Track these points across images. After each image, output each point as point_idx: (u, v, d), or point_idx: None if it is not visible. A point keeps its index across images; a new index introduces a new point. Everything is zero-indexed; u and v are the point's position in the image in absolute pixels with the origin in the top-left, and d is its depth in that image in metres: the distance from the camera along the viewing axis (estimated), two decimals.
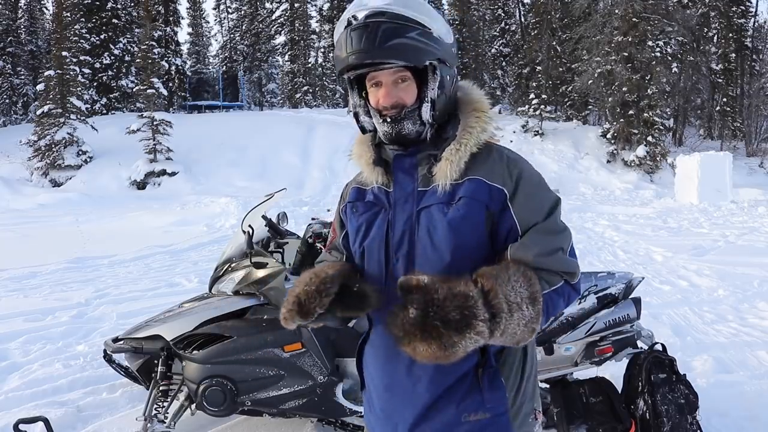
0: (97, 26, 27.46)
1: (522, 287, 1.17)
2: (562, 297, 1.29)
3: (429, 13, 1.28)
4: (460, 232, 1.27)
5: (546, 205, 1.32)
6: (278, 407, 2.79)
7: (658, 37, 20.55)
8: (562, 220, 1.35)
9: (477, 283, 1.15)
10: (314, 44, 41.22)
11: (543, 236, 1.28)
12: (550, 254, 1.27)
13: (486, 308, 1.12)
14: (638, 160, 19.37)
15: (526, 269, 1.21)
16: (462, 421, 1.30)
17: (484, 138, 1.33)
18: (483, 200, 1.28)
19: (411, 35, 1.23)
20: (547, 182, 1.40)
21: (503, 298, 1.13)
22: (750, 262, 6.96)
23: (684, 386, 2.72)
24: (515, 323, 1.14)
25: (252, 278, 2.87)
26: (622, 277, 2.93)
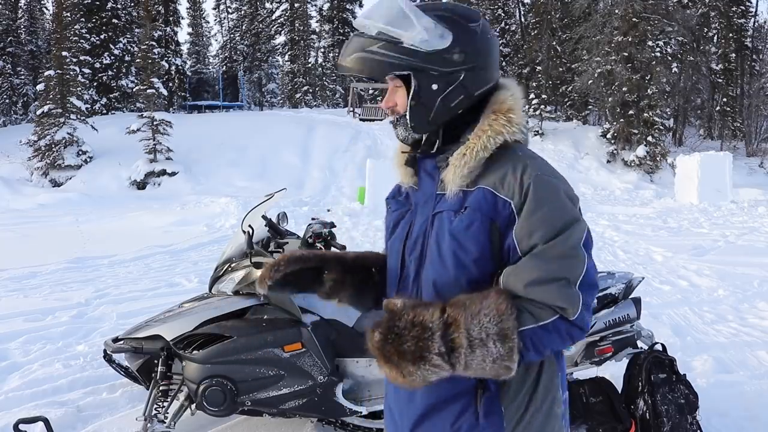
0: (97, 26, 27.47)
1: (491, 322, 1.10)
2: (554, 333, 1.15)
3: (403, 21, 1.23)
4: (461, 243, 1.23)
5: (552, 225, 1.18)
6: (278, 407, 2.79)
7: (658, 37, 20.55)
8: (576, 246, 1.18)
9: (444, 313, 1.12)
10: (314, 44, 41.25)
11: (540, 262, 1.16)
12: (543, 284, 1.15)
13: (443, 342, 1.10)
14: (638, 160, 19.37)
15: (504, 302, 1.12)
16: None
17: (498, 142, 1.25)
18: (487, 212, 1.22)
19: (372, 48, 1.24)
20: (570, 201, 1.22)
21: (464, 333, 1.09)
22: (750, 262, 6.96)
23: (684, 386, 2.72)
24: (478, 360, 1.10)
25: (252, 278, 2.87)
26: (622, 277, 2.93)
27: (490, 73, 1.30)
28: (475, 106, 1.29)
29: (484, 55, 1.28)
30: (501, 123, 1.26)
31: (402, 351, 1.11)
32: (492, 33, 1.33)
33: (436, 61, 1.25)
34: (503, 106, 1.28)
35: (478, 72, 1.27)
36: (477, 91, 1.28)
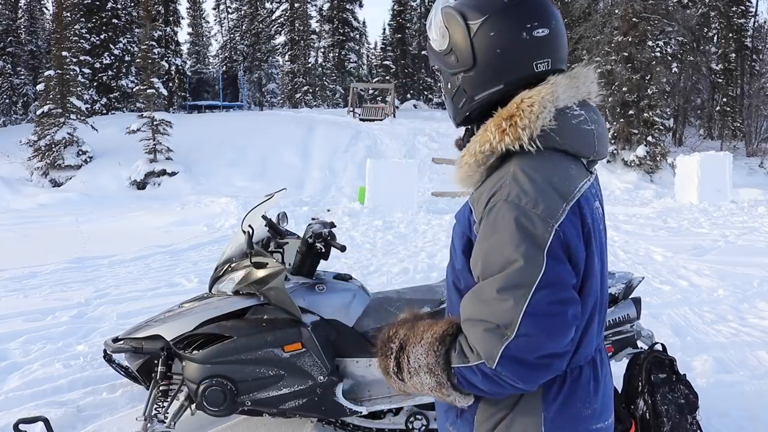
0: (97, 26, 27.48)
1: (422, 355, 1.12)
2: (482, 377, 1.07)
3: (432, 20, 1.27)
4: (454, 249, 1.24)
5: (492, 260, 1.06)
6: (278, 407, 2.79)
7: (658, 37, 20.56)
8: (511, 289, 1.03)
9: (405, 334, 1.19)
10: (314, 44, 41.24)
11: (473, 300, 1.09)
12: (472, 324, 1.07)
13: (395, 362, 1.18)
14: (638, 160, 19.38)
15: (438, 336, 1.11)
16: (446, 426, 1.31)
17: (484, 150, 1.14)
18: (463, 227, 1.18)
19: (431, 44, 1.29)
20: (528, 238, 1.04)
21: (405, 359, 1.16)
22: (750, 262, 6.96)
23: (684, 386, 2.72)
24: (417, 385, 1.15)
25: (252, 278, 2.87)
26: (622, 277, 2.93)
27: (493, 75, 1.17)
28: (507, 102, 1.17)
29: (481, 56, 1.16)
30: (492, 130, 1.14)
31: (379, 363, 1.23)
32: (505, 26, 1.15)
33: (444, 62, 1.24)
34: (504, 112, 1.15)
35: (475, 75, 1.18)
36: (478, 96, 1.20)
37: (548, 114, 1.12)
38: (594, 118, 1.21)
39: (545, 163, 1.12)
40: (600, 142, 1.21)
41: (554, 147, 1.14)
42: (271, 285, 2.78)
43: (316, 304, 2.89)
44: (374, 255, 7.63)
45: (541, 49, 1.15)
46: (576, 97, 1.18)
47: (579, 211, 1.11)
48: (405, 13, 39.04)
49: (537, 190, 1.07)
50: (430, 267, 6.73)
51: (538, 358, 1.04)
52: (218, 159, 18.96)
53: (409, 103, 32.68)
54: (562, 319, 1.05)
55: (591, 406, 1.18)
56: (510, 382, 1.05)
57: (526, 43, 1.14)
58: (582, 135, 1.17)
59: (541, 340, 1.03)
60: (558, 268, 1.05)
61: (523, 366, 1.04)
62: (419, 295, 3.03)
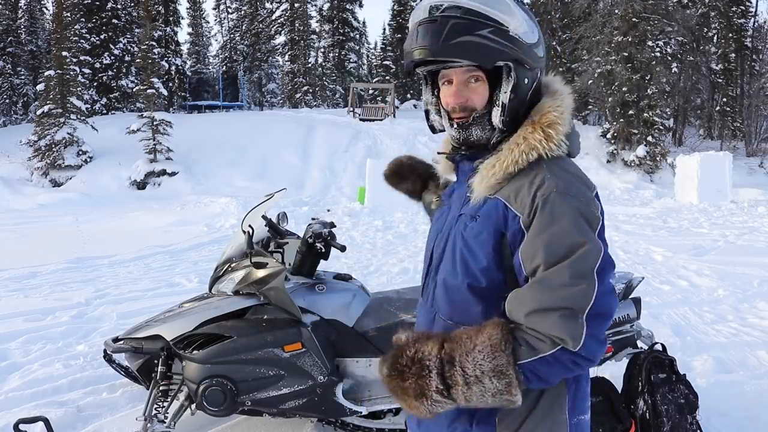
0: (97, 26, 27.49)
1: (485, 359, 1.07)
2: (556, 365, 1.09)
3: (508, 8, 1.17)
4: (471, 249, 1.21)
5: (557, 248, 1.09)
6: (278, 407, 2.79)
7: (658, 37, 20.56)
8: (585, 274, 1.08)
9: (442, 348, 1.10)
10: (314, 44, 41.24)
11: (542, 289, 1.09)
12: (543, 313, 1.08)
13: (440, 380, 1.08)
14: (638, 160, 19.38)
15: (498, 336, 1.08)
16: None
17: (531, 158, 1.17)
18: (497, 224, 1.18)
19: (482, 33, 1.14)
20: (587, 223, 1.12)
21: (459, 371, 1.07)
22: (750, 262, 6.96)
23: (684, 386, 2.72)
24: (477, 395, 1.08)
25: (252, 278, 2.87)
26: (622, 277, 2.92)
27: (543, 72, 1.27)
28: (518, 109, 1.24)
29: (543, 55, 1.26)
30: (537, 138, 1.17)
31: (404, 387, 1.10)
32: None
33: (530, 55, 1.20)
34: (544, 119, 1.19)
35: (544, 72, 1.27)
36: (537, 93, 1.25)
37: (569, 121, 1.22)
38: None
39: (564, 160, 1.22)
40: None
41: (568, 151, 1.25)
42: (271, 285, 2.78)
43: (316, 304, 2.89)
44: (374, 255, 7.63)
45: None
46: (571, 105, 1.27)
47: (599, 200, 1.22)
48: (405, 13, 39.01)
49: (576, 181, 1.17)
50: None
51: (605, 332, 1.12)
52: (218, 159, 18.96)
53: (409, 103, 32.67)
54: (615, 296, 1.14)
55: (589, 382, 1.31)
56: (583, 362, 1.10)
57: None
58: (576, 138, 1.28)
59: (608, 316, 1.11)
60: (606, 248, 1.14)
61: (599, 342, 1.10)
62: (419, 295, 3.02)
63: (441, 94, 1.28)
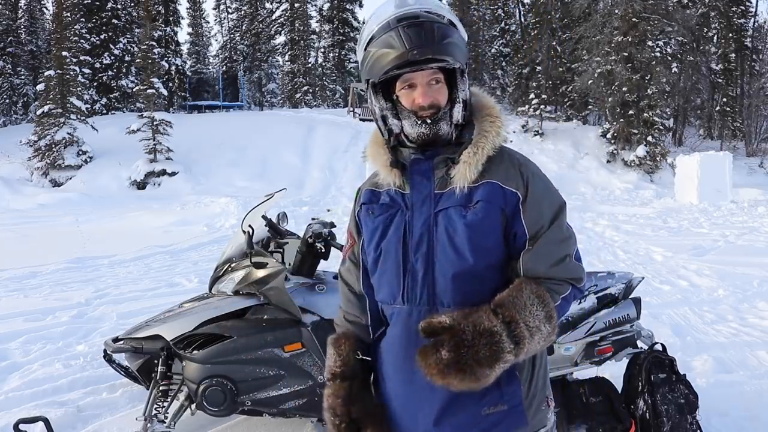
0: (97, 26, 27.50)
1: (538, 309, 1.25)
2: (569, 302, 1.36)
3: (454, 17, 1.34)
4: (479, 234, 1.31)
5: (551, 209, 1.35)
6: (278, 407, 2.79)
7: (658, 37, 20.57)
8: (567, 223, 1.38)
9: (498, 315, 1.22)
10: (314, 44, 41.26)
11: (552, 245, 1.33)
12: (559, 263, 1.33)
13: (510, 339, 1.21)
14: (638, 160, 19.38)
15: (538, 288, 1.28)
16: (483, 415, 1.34)
17: (499, 142, 1.36)
18: (499, 203, 1.33)
19: (455, 36, 1.30)
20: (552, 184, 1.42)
21: (524, 326, 1.22)
22: (750, 262, 6.96)
23: (684, 386, 2.72)
24: (536, 343, 1.25)
25: (252, 278, 2.87)
26: (622, 277, 2.92)
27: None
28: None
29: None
30: (498, 125, 1.37)
31: (479, 359, 1.19)
32: None
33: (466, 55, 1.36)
34: (494, 111, 1.39)
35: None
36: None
37: None
38: None
39: None
40: None
41: None
42: (271, 285, 2.78)
43: (316, 304, 2.89)
44: None
45: None
46: None
47: None
48: None
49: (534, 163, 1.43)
50: None
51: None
52: (218, 159, 18.96)
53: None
54: None
55: None
56: (579, 294, 1.38)
57: None
58: None
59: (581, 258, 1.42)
60: None
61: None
62: None
63: (403, 98, 1.36)
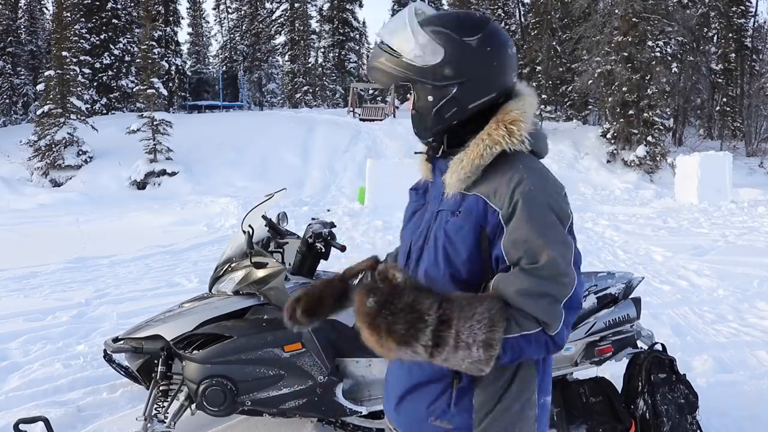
0: (97, 26, 27.50)
1: (481, 330, 1.13)
2: (534, 344, 1.19)
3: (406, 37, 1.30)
4: (452, 244, 1.29)
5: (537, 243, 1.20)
6: (278, 407, 2.79)
7: (658, 37, 20.56)
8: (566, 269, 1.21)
9: (440, 308, 1.15)
10: (314, 44, 41.27)
11: (530, 278, 1.19)
12: (532, 296, 1.18)
13: (432, 336, 1.13)
14: (638, 160, 19.38)
15: (499, 311, 1.16)
16: (430, 422, 1.33)
17: (495, 151, 1.28)
18: (477, 218, 1.27)
19: (381, 60, 1.34)
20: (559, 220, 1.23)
21: (453, 334, 1.13)
22: (750, 262, 6.96)
23: (684, 386, 2.72)
24: (458, 359, 1.14)
25: (252, 278, 2.87)
26: (621, 277, 2.93)
27: (488, 85, 1.33)
28: (485, 112, 1.32)
29: (478, 69, 1.31)
30: (500, 133, 1.28)
31: (392, 329, 1.14)
32: (496, 43, 1.32)
33: (429, 75, 1.32)
34: (506, 117, 1.30)
35: (471, 86, 1.32)
36: (471, 104, 1.33)
37: (531, 120, 1.32)
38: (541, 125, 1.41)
39: (536, 160, 1.33)
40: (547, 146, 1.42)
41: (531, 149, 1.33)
42: (271, 285, 2.78)
43: None
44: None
45: (515, 65, 1.38)
46: (535, 108, 1.37)
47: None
48: None
49: (550, 180, 1.29)
50: None
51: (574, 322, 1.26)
52: (218, 159, 18.96)
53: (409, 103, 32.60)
54: (583, 286, 1.29)
55: (551, 366, 1.42)
56: (555, 346, 1.22)
57: (510, 58, 1.35)
58: (542, 138, 1.38)
59: (579, 307, 1.25)
60: (575, 243, 1.27)
61: (568, 329, 1.23)
62: None
63: None
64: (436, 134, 1.39)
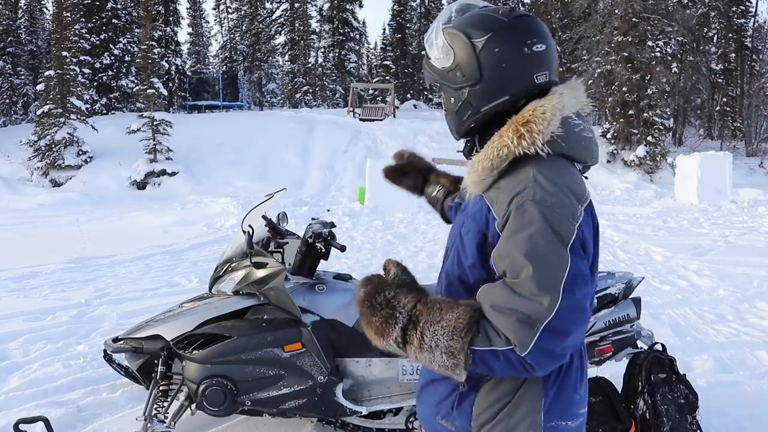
0: (97, 26, 27.49)
1: (444, 336, 1.12)
2: (504, 361, 1.13)
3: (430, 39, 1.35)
4: (463, 246, 1.29)
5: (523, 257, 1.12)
6: (278, 407, 2.79)
7: (658, 37, 20.55)
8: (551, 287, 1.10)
9: (413, 308, 1.17)
10: (314, 44, 41.27)
11: (508, 292, 1.13)
12: (503, 312, 1.12)
13: (401, 333, 1.16)
14: (638, 160, 19.37)
15: (464, 320, 1.12)
16: (437, 419, 1.35)
17: (502, 153, 1.22)
18: (480, 224, 1.25)
19: (424, 61, 1.40)
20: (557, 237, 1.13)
21: (418, 335, 1.14)
22: (750, 262, 6.96)
23: (684, 386, 2.72)
24: (426, 360, 1.15)
25: (252, 278, 2.87)
26: (622, 277, 2.93)
27: (498, 88, 1.27)
28: (510, 112, 1.27)
29: (485, 71, 1.26)
30: (509, 135, 1.22)
31: (370, 320, 1.20)
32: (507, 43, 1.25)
33: (448, 78, 1.33)
34: (520, 117, 1.23)
35: (481, 88, 1.28)
36: (484, 107, 1.30)
37: (556, 121, 1.22)
38: (589, 128, 1.33)
39: (558, 167, 1.23)
40: (595, 150, 1.35)
41: (561, 152, 1.24)
42: (271, 285, 2.78)
43: (316, 304, 2.89)
44: (374, 255, 7.63)
45: (540, 63, 1.28)
46: (575, 107, 1.30)
47: (591, 212, 1.25)
48: (405, 13, 39.07)
49: (559, 191, 1.17)
50: (430, 267, 6.73)
51: (563, 348, 1.14)
52: (218, 159, 18.95)
53: (409, 103, 32.67)
54: (585, 313, 1.17)
55: (578, 391, 1.31)
56: (529, 368, 1.13)
57: (528, 57, 1.27)
58: (583, 142, 1.30)
59: (569, 332, 1.13)
60: (579, 264, 1.15)
61: (549, 356, 1.13)
62: None
63: None
64: (463, 135, 1.40)
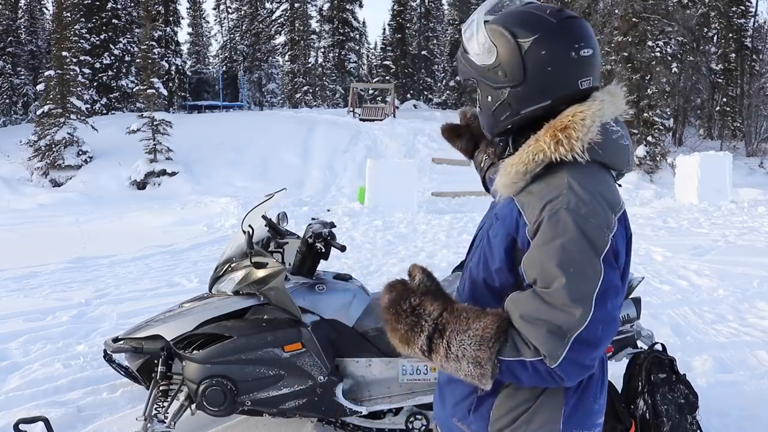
0: (97, 26, 27.49)
1: (471, 346, 1.10)
2: (533, 372, 1.11)
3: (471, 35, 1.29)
4: (491, 248, 1.26)
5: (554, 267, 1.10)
6: (278, 407, 2.79)
7: (658, 37, 20.56)
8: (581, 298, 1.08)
9: (440, 316, 1.15)
10: (314, 44, 41.25)
11: (539, 301, 1.11)
12: (533, 322, 1.10)
13: (426, 342, 1.14)
14: (638, 160, 19.37)
15: (492, 329, 1.11)
16: (453, 421, 1.34)
17: (537, 159, 1.19)
18: (509, 228, 1.21)
19: (459, 53, 1.35)
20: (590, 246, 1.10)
21: (445, 344, 1.13)
22: (750, 262, 6.96)
23: (684, 386, 2.72)
24: (452, 368, 1.14)
25: (252, 278, 2.87)
26: None
27: (541, 91, 1.23)
28: (548, 116, 1.23)
29: (530, 73, 1.22)
30: (546, 140, 1.19)
31: (395, 328, 1.17)
32: (555, 45, 1.21)
33: (488, 76, 1.28)
34: (558, 122, 1.20)
35: (523, 91, 1.24)
36: (524, 110, 1.25)
37: (596, 128, 1.19)
38: (626, 134, 1.30)
39: (593, 175, 1.20)
40: (631, 157, 1.32)
41: (597, 160, 1.21)
42: (271, 285, 2.78)
43: (316, 304, 2.89)
44: (374, 255, 7.63)
45: (586, 68, 1.24)
46: (614, 114, 1.26)
47: (625, 221, 1.23)
48: (405, 13, 39.04)
49: (593, 200, 1.14)
50: (430, 267, 6.68)
51: (592, 359, 1.12)
52: (218, 159, 18.95)
53: (409, 103, 32.66)
54: (615, 324, 1.15)
55: (598, 401, 1.29)
56: (558, 379, 1.12)
57: (574, 62, 1.22)
58: (620, 150, 1.26)
59: (599, 343, 1.12)
60: (611, 274, 1.13)
61: (578, 367, 1.11)
62: None
63: None
64: (497, 135, 1.35)
